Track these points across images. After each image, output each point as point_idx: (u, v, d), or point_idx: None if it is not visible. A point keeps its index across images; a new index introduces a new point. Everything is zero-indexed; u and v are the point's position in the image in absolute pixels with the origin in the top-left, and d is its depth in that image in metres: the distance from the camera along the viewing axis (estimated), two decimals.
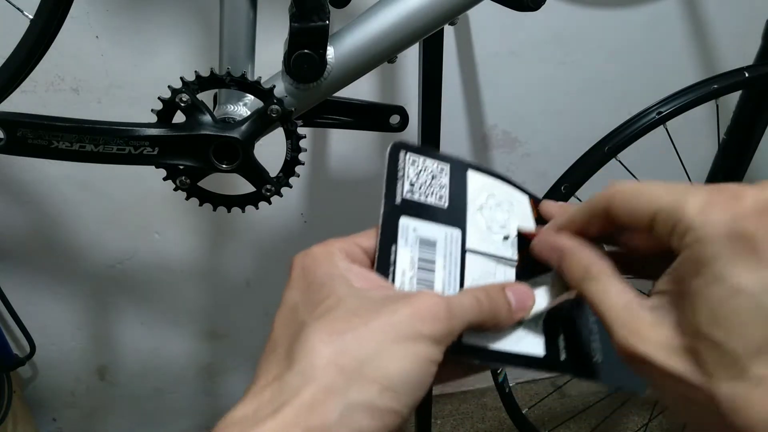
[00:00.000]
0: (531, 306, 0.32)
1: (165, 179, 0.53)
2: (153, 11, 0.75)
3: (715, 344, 0.22)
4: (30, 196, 0.85)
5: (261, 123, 0.51)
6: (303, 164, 0.53)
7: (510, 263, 0.34)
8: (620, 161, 0.68)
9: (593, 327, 0.35)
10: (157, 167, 0.52)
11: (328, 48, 0.50)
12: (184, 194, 0.54)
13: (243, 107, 0.53)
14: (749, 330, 0.22)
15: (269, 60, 0.56)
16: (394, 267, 0.31)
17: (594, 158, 0.67)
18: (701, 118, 0.79)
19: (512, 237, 0.35)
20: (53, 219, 0.88)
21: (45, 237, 0.89)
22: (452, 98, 0.90)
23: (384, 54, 0.52)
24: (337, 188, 0.93)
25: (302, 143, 0.52)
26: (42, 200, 0.86)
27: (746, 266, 0.22)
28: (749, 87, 0.69)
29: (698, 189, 0.25)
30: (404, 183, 0.33)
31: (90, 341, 1.01)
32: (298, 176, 0.54)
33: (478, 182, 0.35)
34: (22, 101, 0.76)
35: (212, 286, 1.00)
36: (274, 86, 0.50)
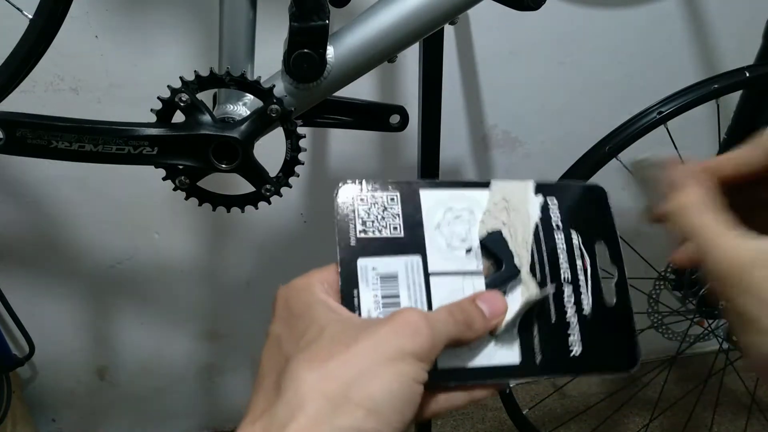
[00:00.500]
0: (504, 309, 0.32)
1: (164, 179, 0.53)
2: (152, 11, 0.75)
3: None
4: (30, 197, 0.85)
5: (260, 123, 0.50)
6: (303, 164, 0.53)
7: (477, 274, 0.34)
8: (621, 161, 0.67)
9: (571, 320, 0.35)
10: (157, 167, 0.52)
11: (328, 47, 0.50)
12: (184, 194, 0.54)
13: (242, 107, 0.53)
14: None
15: (269, 60, 0.56)
16: (359, 310, 0.31)
17: (594, 158, 0.67)
18: (702, 118, 0.79)
19: (475, 247, 0.35)
20: (53, 219, 0.88)
21: (45, 237, 0.89)
22: (452, 98, 0.90)
23: (384, 53, 0.52)
24: None
25: (302, 143, 0.52)
26: (42, 200, 0.86)
27: None
28: (750, 87, 0.69)
29: None
30: (356, 223, 0.33)
31: (89, 341, 1.00)
32: (298, 176, 0.54)
33: (432, 199, 0.35)
34: (22, 101, 0.76)
35: (212, 286, 1.00)
36: (274, 86, 0.50)
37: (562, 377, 0.35)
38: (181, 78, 0.48)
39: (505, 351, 0.33)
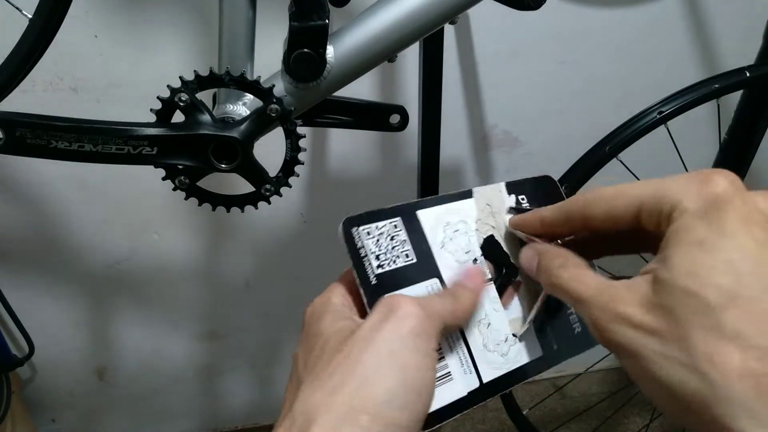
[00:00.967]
0: (483, 277, 0.34)
1: (164, 179, 0.53)
2: (152, 10, 0.75)
3: (691, 293, 0.23)
4: (29, 196, 0.85)
5: (260, 122, 0.50)
6: (303, 164, 0.53)
7: (489, 282, 0.35)
8: (621, 161, 0.67)
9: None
10: (156, 167, 0.52)
11: (328, 47, 0.50)
12: (183, 194, 0.54)
13: (242, 107, 0.53)
14: (723, 280, 0.23)
15: (269, 59, 0.56)
16: None
17: (595, 158, 0.67)
18: (702, 118, 0.79)
19: (479, 256, 0.36)
20: (52, 219, 0.88)
21: (44, 237, 0.89)
22: (452, 98, 0.90)
23: (384, 53, 0.52)
24: (337, 188, 0.93)
25: (302, 143, 0.52)
26: (41, 200, 0.86)
27: (722, 232, 0.23)
28: (750, 86, 0.69)
29: (674, 177, 0.27)
30: (371, 260, 0.32)
31: (89, 342, 1.00)
32: (298, 176, 0.54)
33: (431, 219, 0.35)
34: (21, 101, 0.76)
35: (212, 287, 1.00)
36: (274, 85, 0.50)
37: (578, 356, 0.36)
38: (181, 78, 0.48)
39: (530, 348, 0.35)
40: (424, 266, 0.33)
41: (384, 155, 0.93)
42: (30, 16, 0.49)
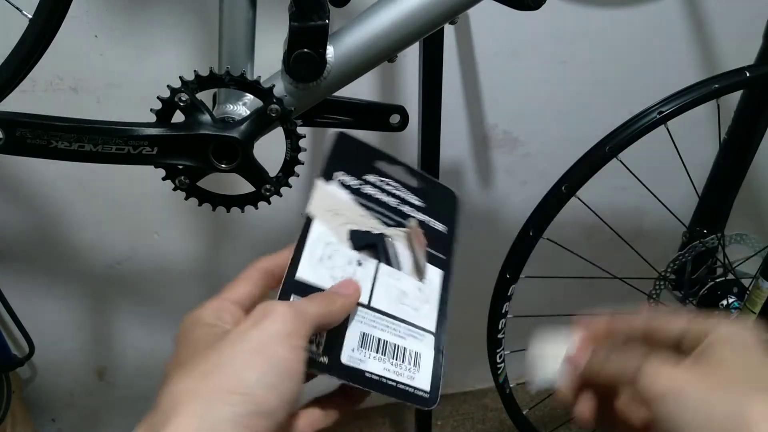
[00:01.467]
0: (357, 287, 0.37)
1: (164, 179, 0.53)
2: (152, 10, 0.75)
3: None
4: (29, 196, 0.85)
5: (260, 122, 0.50)
6: (303, 164, 0.53)
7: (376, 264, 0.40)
8: (621, 161, 0.67)
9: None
10: (156, 167, 0.52)
11: (328, 47, 0.50)
12: (184, 194, 0.54)
13: (242, 107, 0.53)
14: None
15: (269, 59, 0.56)
16: None
17: (595, 158, 0.67)
18: (702, 118, 0.79)
19: (358, 256, 0.39)
20: (52, 219, 0.88)
21: (44, 237, 0.89)
22: (452, 98, 0.90)
23: (384, 53, 0.52)
24: None
25: (302, 143, 0.52)
26: (41, 200, 0.86)
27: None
28: (750, 86, 0.69)
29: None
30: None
31: (89, 342, 1.00)
32: (298, 176, 0.54)
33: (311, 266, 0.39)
34: (21, 101, 0.76)
35: (212, 287, 0.99)
36: (274, 86, 0.50)
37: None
38: (181, 78, 0.48)
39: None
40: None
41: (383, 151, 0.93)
42: (30, 16, 0.49)
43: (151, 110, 0.49)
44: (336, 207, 0.40)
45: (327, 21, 0.48)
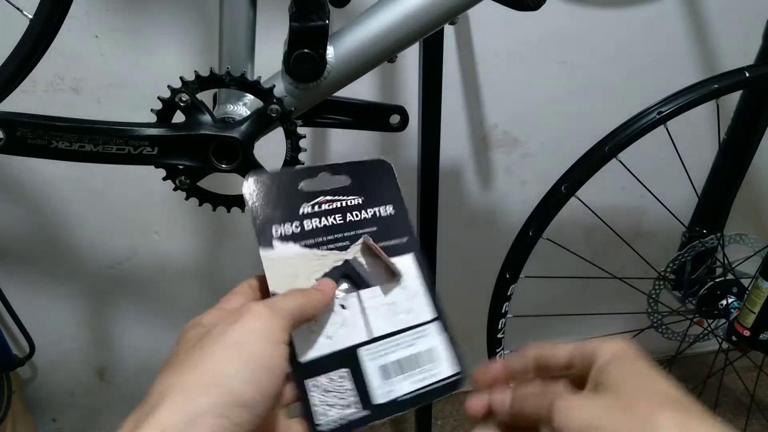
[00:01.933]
0: (332, 286, 0.38)
1: (164, 179, 0.53)
2: (152, 11, 0.75)
3: None
4: (30, 197, 0.85)
5: (261, 123, 0.50)
6: (303, 164, 0.53)
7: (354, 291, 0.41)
8: (621, 161, 0.67)
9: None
10: (157, 167, 0.52)
11: (328, 47, 0.50)
12: (184, 194, 0.54)
13: (243, 107, 0.53)
14: None
15: (269, 60, 0.56)
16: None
17: (594, 158, 0.67)
18: (702, 118, 0.79)
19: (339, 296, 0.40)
20: (53, 219, 0.88)
21: (45, 237, 0.89)
22: (452, 98, 0.90)
23: (384, 53, 0.52)
24: None
25: (302, 143, 0.52)
26: (42, 200, 0.86)
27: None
28: (750, 87, 0.69)
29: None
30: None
31: (89, 341, 1.00)
32: None
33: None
34: (22, 101, 0.76)
35: (212, 287, 1.00)
36: (274, 86, 0.50)
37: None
38: (181, 78, 0.48)
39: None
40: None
41: (384, 155, 0.92)
42: (30, 17, 0.49)
43: (152, 110, 0.49)
44: (291, 268, 0.40)
45: (327, 21, 0.48)
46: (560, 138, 0.97)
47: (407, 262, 0.42)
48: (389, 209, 0.44)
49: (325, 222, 0.41)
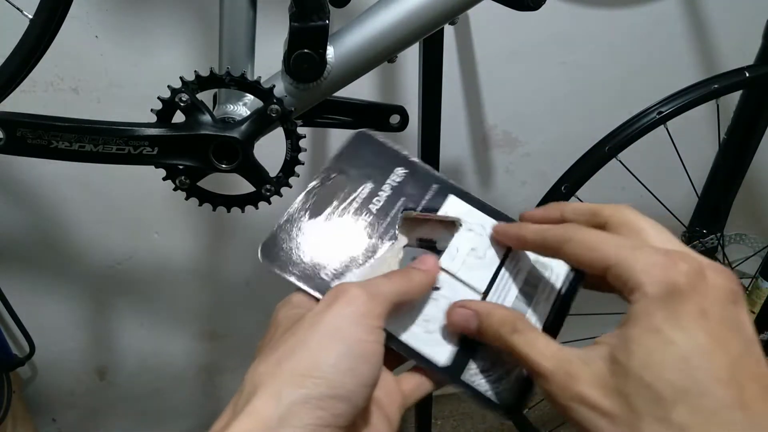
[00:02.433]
0: (434, 263, 0.35)
1: (164, 179, 0.53)
2: (152, 11, 0.75)
3: (646, 384, 0.25)
4: (30, 196, 0.85)
5: (261, 123, 0.50)
6: (303, 164, 0.53)
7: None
8: (621, 161, 0.67)
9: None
10: (157, 167, 0.52)
11: (328, 48, 0.50)
12: (184, 194, 0.54)
13: (243, 107, 0.53)
14: (674, 376, 0.25)
15: (269, 60, 0.56)
16: None
17: (594, 158, 0.67)
18: (702, 118, 0.79)
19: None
20: (53, 219, 0.88)
21: (45, 237, 0.89)
22: (452, 98, 0.90)
23: (384, 53, 0.52)
24: None
25: (302, 143, 0.52)
26: (42, 200, 0.86)
27: (678, 324, 0.26)
28: (750, 87, 0.69)
29: (643, 249, 0.28)
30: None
31: (89, 341, 1.00)
32: (298, 176, 0.54)
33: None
34: (22, 101, 0.76)
35: (212, 286, 1.00)
36: (274, 86, 0.50)
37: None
38: (181, 78, 0.48)
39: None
40: None
41: None
42: (30, 17, 0.49)
43: (152, 110, 0.49)
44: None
45: (327, 21, 0.48)
46: (560, 138, 0.97)
47: (453, 204, 0.40)
48: (400, 172, 0.40)
49: (360, 227, 0.38)
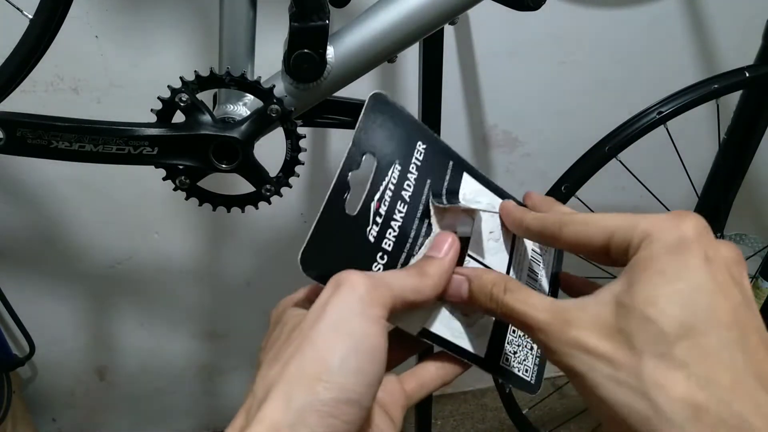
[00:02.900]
0: (453, 242, 0.33)
1: (164, 179, 0.53)
2: (152, 11, 0.75)
3: (649, 320, 0.25)
4: (30, 197, 0.85)
5: (261, 123, 0.50)
6: (303, 164, 0.53)
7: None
8: (621, 161, 0.67)
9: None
10: (157, 167, 0.52)
11: (328, 48, 0.50)
12: (184, 194, 0.54)
13: (243, 107, 0.53)
14: (679, 312, 0.24)
15: (269, 59, 0.56)
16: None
17: (594, 158, 0.67)
18: (702, 118, 0.79)
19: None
20: (53, 219, 0.88)
21: (45, 237, 0.89)
22: (452, 98, 0.90)
23: (384, 53, 0.52)
24: None
25: (302, 143, 0.52)
26: (42, 200, 0.86)
27: (685, 265, 0.25)
28: (750, 87, 0.69)
29: (647, 215, 0.28)
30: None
31: (89, 341, 1.00)
32: (298, 176, 0.54)
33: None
34: (22, 101, 0.76)
35: (212, 286, 1.00)
36: (274, 86, 0.50)
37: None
38: (181, 78, 0.48)
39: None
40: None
41: None
42: (30, 17, 0.49)
43: (152, 110, 0.49)
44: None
45: (327, 21, 0.48)
46: (560, 138, 0.97)
47: (468, 184, 0.38)
48: (420, 148, 0.36)
49: (400, 222, 0.34)
